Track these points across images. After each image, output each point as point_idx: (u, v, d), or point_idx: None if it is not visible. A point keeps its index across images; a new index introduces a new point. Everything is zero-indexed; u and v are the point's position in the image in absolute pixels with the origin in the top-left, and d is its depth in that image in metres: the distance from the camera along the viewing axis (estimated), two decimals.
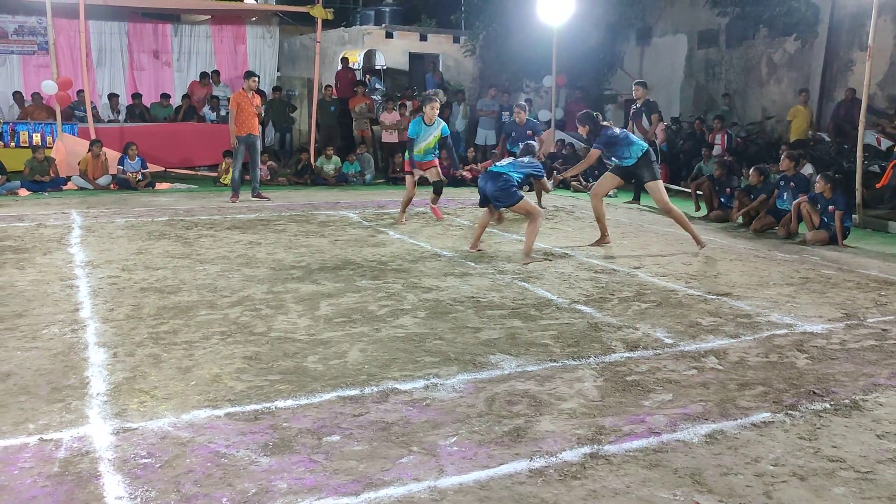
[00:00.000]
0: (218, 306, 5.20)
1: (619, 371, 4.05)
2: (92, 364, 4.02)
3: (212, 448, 3.07)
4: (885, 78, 12.36)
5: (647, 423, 3.38)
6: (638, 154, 7.45)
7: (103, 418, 3.33)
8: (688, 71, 16.02)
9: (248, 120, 10.80)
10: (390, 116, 14.63)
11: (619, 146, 7.49)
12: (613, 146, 7.50)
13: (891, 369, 4.17)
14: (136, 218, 9.09)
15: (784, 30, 13.78)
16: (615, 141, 7.48)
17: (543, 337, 4.62)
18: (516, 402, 3.61)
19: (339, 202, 11.01)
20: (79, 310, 5.05)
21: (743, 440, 3.24)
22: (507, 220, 8.99)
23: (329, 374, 3.94)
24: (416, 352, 4.31)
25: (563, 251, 7.46)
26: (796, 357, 4.35)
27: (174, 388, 3.71)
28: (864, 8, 11.73)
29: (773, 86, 14.31)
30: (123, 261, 6.61)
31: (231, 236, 7.94)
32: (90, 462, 2.94)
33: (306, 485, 2.80)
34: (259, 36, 16.26)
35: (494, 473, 2.91)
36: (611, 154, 7.61)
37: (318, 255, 7.05)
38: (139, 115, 14.28)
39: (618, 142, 7.49)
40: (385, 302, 5.38)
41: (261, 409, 3.46)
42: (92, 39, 14.33)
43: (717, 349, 4.46)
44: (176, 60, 15.68)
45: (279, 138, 15.63)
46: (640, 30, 16.96)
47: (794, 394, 3.78)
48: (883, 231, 9.05)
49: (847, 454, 3.12)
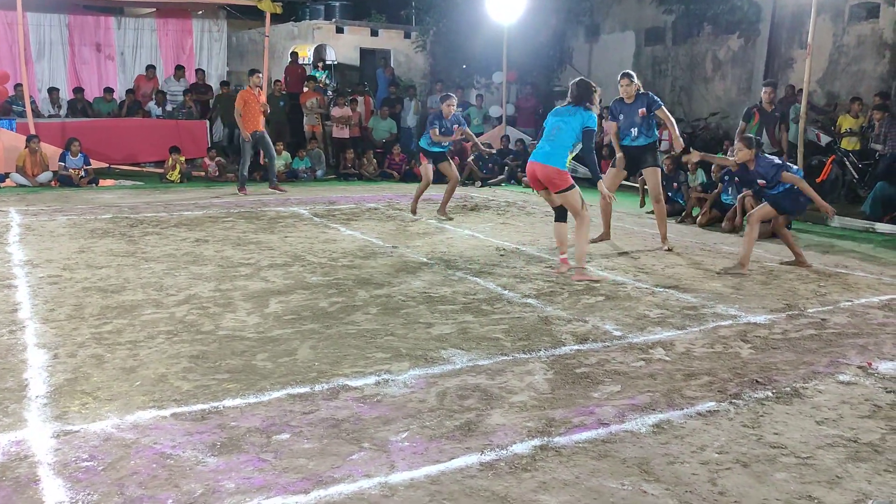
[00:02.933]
0: (164, 305, 5.09)
1: (568, 364, 4.09)
2: (31, 366, 3.89)
3: (157, 449, 3.00)
4: (824, 75, 12.74)
5: (597, 415, 3.43)
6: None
7: (43, 421, 3.23)
8: (635, 68, 16.24)
9: (255, 117, 11.23)
10: (341, 112, 14.52)
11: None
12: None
13: (830, 358, 4.30)
14: (78, 216, 8.85)
15: (728, 28, 14.09)
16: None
17: (495, 331, 4.64)
18: (467, 396, 3.62)
19: (289, 198, 10.89)
20: (17, 310, 4.89)
21: (689, 429, 3.30)
22: (457, 214, 9.01)
23: (278, 371, 3.89)
24: (367, 348, 4.29)
25: (514, 246, 7.50)
26: (740, 347, 4.45)
27: (118, 388, 3.62)
28: (803, 7, 12.07)
29: (717, 82, 14.62)
30: (65, 260, 6.42)
31: (178, 234, 7.79)
32: (28, 466, 2.84)
33: (255, 484, 2.76)
34: (206, 30, 15.97)
35: (445, 468, 2.91)
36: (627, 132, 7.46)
37: (267, 252, 6.96)
38: (81, 111, 13.89)
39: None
40: (336, 299, 5.34)
41: (208, 409, 3.40)
42: (31, 32, 13.89)
43: (664, 341, 4.54)
44: (120, 54, 15.30)
45: (228, 134, 15.40)
46: (588, 27, 17.16)
47: (738, 383, 3.86)
48: (822, 224, 9.33)
49: (788, 440, 3.21)
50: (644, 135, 7.41)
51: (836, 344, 4.56)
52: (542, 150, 6.13)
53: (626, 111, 7.42)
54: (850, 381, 3.94)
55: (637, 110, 7.35)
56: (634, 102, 7.38)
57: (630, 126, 7.43)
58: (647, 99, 7.34)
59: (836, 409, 3.57)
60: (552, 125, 6.15)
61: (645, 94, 7.42)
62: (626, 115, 7.43)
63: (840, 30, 12.51)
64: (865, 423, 3.41)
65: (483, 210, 10.14)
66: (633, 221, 9.31)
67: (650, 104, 7.33)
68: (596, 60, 17.10)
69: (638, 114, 7.34)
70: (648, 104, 7.32)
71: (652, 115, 7.40)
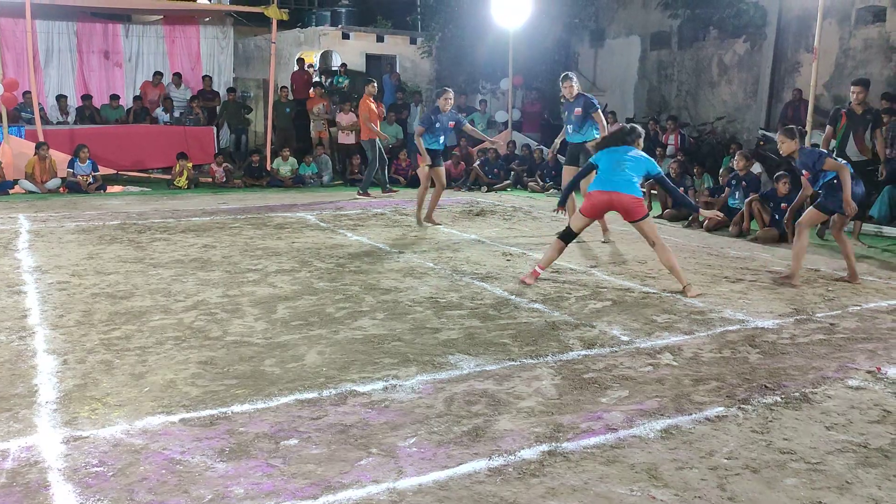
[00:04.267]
0: (172, 311, 5.11)
1: (576, 369, 4.09)
2: (41, 372, 3.91)
3: (166, 455, 3.01)
4: (830, 79, 12.70)
5: (604, 420, 3.42)
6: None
7: (53, 427, 3.25)
8: (641, 72, 16.26)
9: (374, 123, 11.84)
10: (347, 118, 14.55)
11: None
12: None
13: (838, 362, 4.29)
14: (86, 222, 8.89)
15: (733, 32, 14.07)
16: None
17: (502, 336, 4.64)
18: (475, 401, 3.62)
19: (295, 204, 10.92)
20: (27, 316, 4.92)
21: (697, 434, 3.29)
22: (469, 217, 8.99)
23: (286, 377, 3.89)
24: (374, 353, 4.29)
25: (521, 251, 7.50)
26: (748, 352, 4.44)
27: (127, 394, 3.63)
28: (809, 11, 12.06)
29: (724, 86, 14.59)
30: (73, 266, 6.45)
31: (185, 240, 7.81)
32: (39, 472, 2.86)
33: (263, 489, 2.76)
34: (213, 37, 16.02)
35: (454, 473, 2.91)
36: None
37: (274, 257, 6.98)
38: (89, 117, 13.96)
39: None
40: (343, 304, 5.34)
41: (217, 415, 3.41)
42: (39, 40, 13.96)
43: (671, 346, 4.53)
44: (127, 61, 15.36)
45: (234, 140, 15.45)
46: (593, 32, 17.16)
47: (746, 388, 3.85)
48: (829, 228, 9.28)
49: (798, 446, 3.20)
50: (578, 132, 7.91)
51: (845, 349, 4.54)
52: (617, 178, 5.95)
53: (567, 108, 7.98)
54: (860, 385, 3.92)
55: (574, 109, 7.86)
56: (573, 102, 7.88)
57: (568, 122, 8.02)
58: (584, 100, 7.86)
59: (846, 414, 3.55)
60: (616, 160, 6.03)
61: (584, 95, 7.91)
62: (567, 112, 8.01)
63: (847, 33, 12.48)
64: (875, 428, 3.40)
65: (489, 215, 10.14)
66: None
67: (587, 106, 7.82)
68: (601, 65, 17.10)
69: (574, 112, 7.84)
70: (585, 105, 7.83)
71: (588, 116, 7.82)
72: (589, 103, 7.87)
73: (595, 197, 6.04)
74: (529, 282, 6.05)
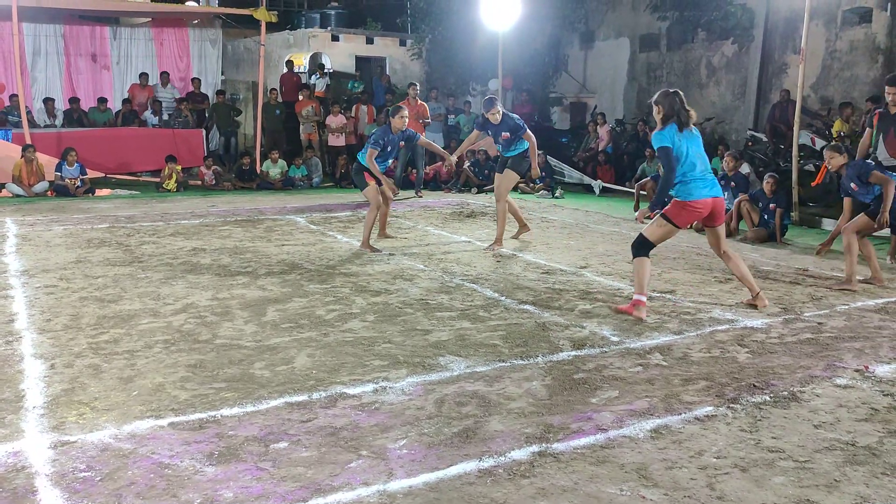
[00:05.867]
0: (161, 314, 5.09)
1: (566, 370, 4.10)
2: (28, 376, 3.89)
3: (155, 459, 3.00)
4: (817, 80, 12.79)
5: (595, 421, 3.43)
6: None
7: (40, 432, 3.23)
8: (630, 74, 16.32)
9: (412, 125, 11.75)
10: (336, 120, 14.54)
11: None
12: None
13: (826, 361, 4.31)
14: (74, 225, 8.84)
15: (721, 34, 14.15)
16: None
17: (492, 337, 4.65)
18: (465, 403, 3.62)
19: (285, 206, 10.89)
20: (14, 321, 4.88)
21: (687, 434, 3.30)
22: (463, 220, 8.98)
23: (276, 380, 3.88)
24: (364, 356, 4.29)
25: (511, 252, 7.51)
26: (737, 352, 4.46)
27: (115, 398, 3.61)
28: (796, 13, 12.13)
29: (712, 88, 14.67)
30: (61, 269, 6.41)
31: (174, 243, 7.78)
32: (26, 477, 2.84)
33: (253, 493, 2.75)
34: (202, 39, 15.98)
35: (444, 475, 2.91)
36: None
37: (264, 260, 6.96)
38: (77, 120, 13.89)
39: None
40: (333, 306, 5.34)
41: (206, 418, 3.39)
42: (26, 42, 13.88)
43: (661, 346, 4.55)
44: (115, 64, 15.30)
45: (224, 142, 15.39)
46: (583, 34, 17.22)
47: (735, 387, 3.87)
48: (818, 228, 9.35)
49: (786, 444, 3.21)
50: (507, 150, 7.99)
51: (833, 348, 4.56)
52: (713, 182, 5.17)
53: (492, 130, 7.97)
54: (847, 384, 3.95)
55: (501, 132, 7.87)
56: (499, 125, 7.86)
57: (496, 143, 8.09)
58: (511, 124, 7.83)
59: (834, 412, 3.57)
60: (696, 153, 5.15)
61: (508, 117, 7.89)
62: (494, 133, 7.96)
63: (833, 35, 12.57)
64: (863, 426, 3.42)
65: (479, 217, 10.15)
66: (629, 227, 9.33)
67: (514, 129, 7.83)
68: (591, 67, 17.16)
69: (501, 136, 7.89)
70: (512, 129, 7.83)
71: (517, 139, 7.88)
72: (516, 126, 7.77)
73: (705, 205, 5.10)
74: (642, 315, 5.11)
